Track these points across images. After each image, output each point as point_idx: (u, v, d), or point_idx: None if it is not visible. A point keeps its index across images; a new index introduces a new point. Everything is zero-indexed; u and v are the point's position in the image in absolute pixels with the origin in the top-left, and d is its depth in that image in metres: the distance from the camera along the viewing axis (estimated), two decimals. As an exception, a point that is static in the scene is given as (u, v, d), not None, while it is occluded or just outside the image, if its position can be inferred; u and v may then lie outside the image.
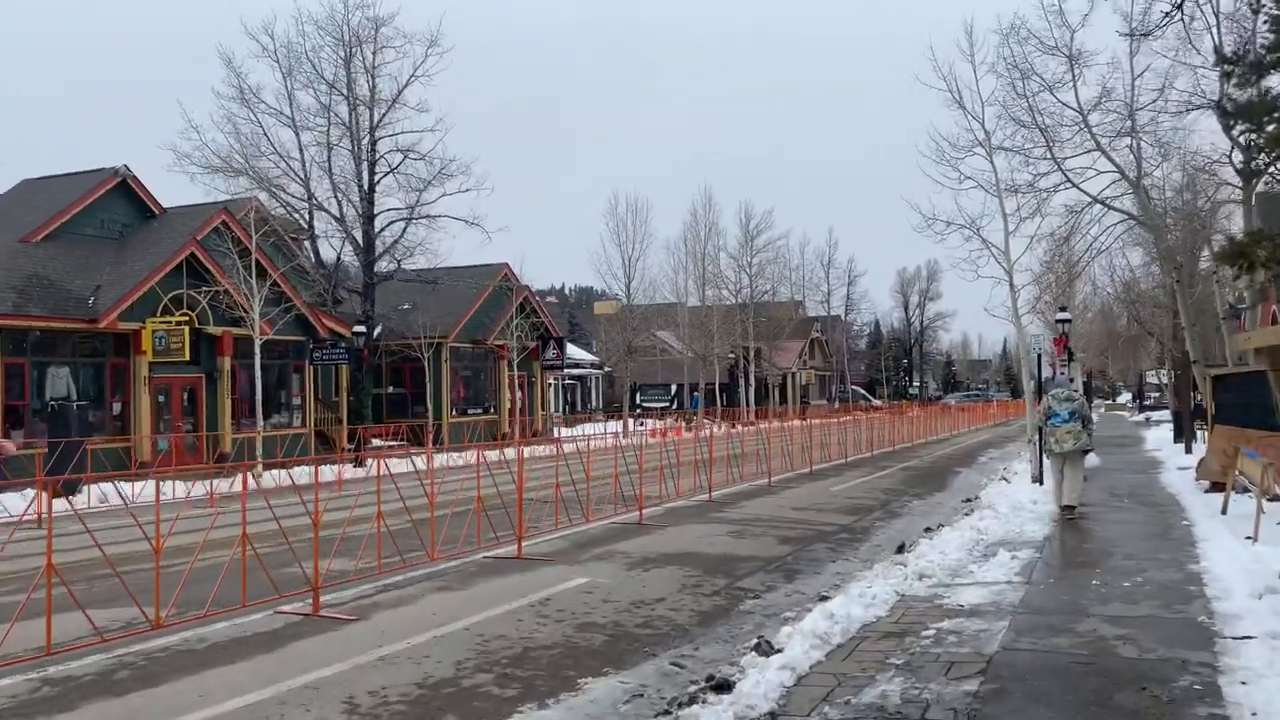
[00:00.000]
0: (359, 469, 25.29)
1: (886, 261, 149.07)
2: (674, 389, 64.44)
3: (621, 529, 14.22)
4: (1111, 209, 21.19)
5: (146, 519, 8.29)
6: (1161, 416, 44.54)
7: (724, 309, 56.60)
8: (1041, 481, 17.10)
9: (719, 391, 56.74)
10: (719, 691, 6.58)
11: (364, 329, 31.24)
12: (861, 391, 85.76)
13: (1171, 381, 39.94)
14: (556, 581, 10.41)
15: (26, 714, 6.42)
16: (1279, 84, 13.73)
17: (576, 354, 63.11)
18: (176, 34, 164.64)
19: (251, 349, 25.60)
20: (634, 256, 52.30)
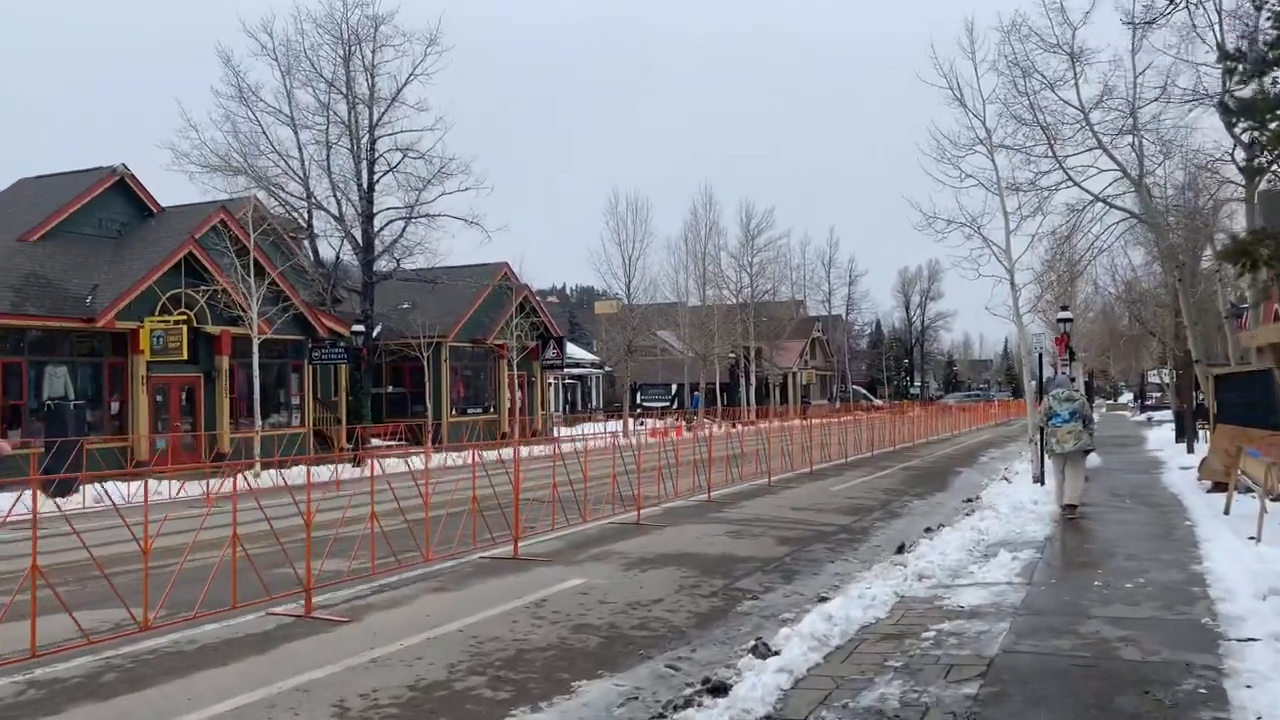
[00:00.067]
0: (357, 469, 25.21)
1: (887, 261, 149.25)
2: (674, 389, 64.36)
3: (619, 529, 14.12)
4: (1113, 207, 21.10)
5: (140, 519, 8.19)
6: (1163, 416, 44.45)
7: (725, 308, 56.48)
8: (1043, 482, 17.00)
9: (719, 391, 56.64)
10: (715, 695, 6.51)
11: (363, 328, 31.16)
12: (863, 391, 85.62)
13: (1173, 381, 39.88)
14: (552, 582, 10.31)
15: (11, 717, 6.33)
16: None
17: (577, 354, 63.01)
18: (176, 34, 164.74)
19: (250, 348, 25.53)
20: (634, 256, 52.24)
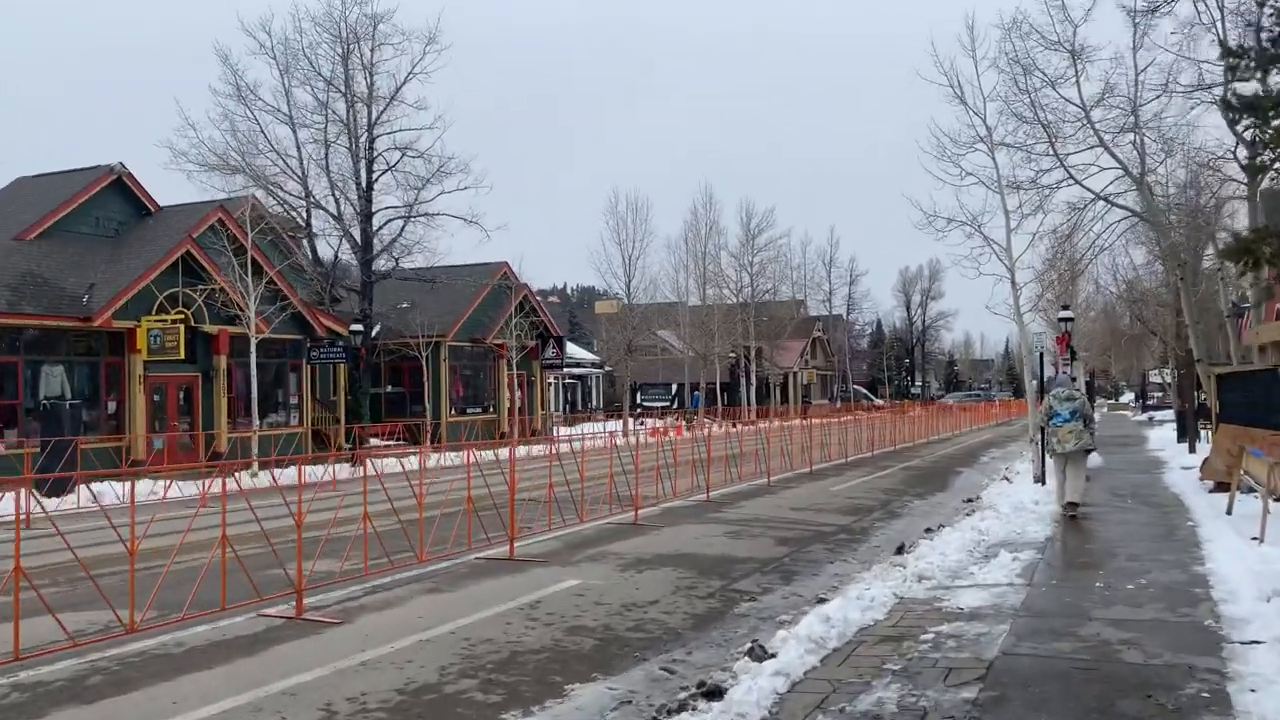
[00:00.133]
0: (355, 469, 25.08)
1: (888, 260, 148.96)
2: (675, 388, 64.25)
3: (616, 529, 14.00)
4: (1114, 206, 20.94)
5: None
6: (1165, 416, 44.35)
7: (725, 308, 56.38)
8: (1044, 481, 16.89)
9: (720, 391, 56.52)
10: (710, 698, 6.40)
11: (361, 327, 31.03)
12: (863, 391, 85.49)
13: (1175, 380, 39.74)
14: (548, 583, 10.20)
15: (-7, 721, 6.23)
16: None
17: (577, 353, 62.91)
18: (176, 34, 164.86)
19: (248, 348, 25.43)
20: (634, 255, 52.16)
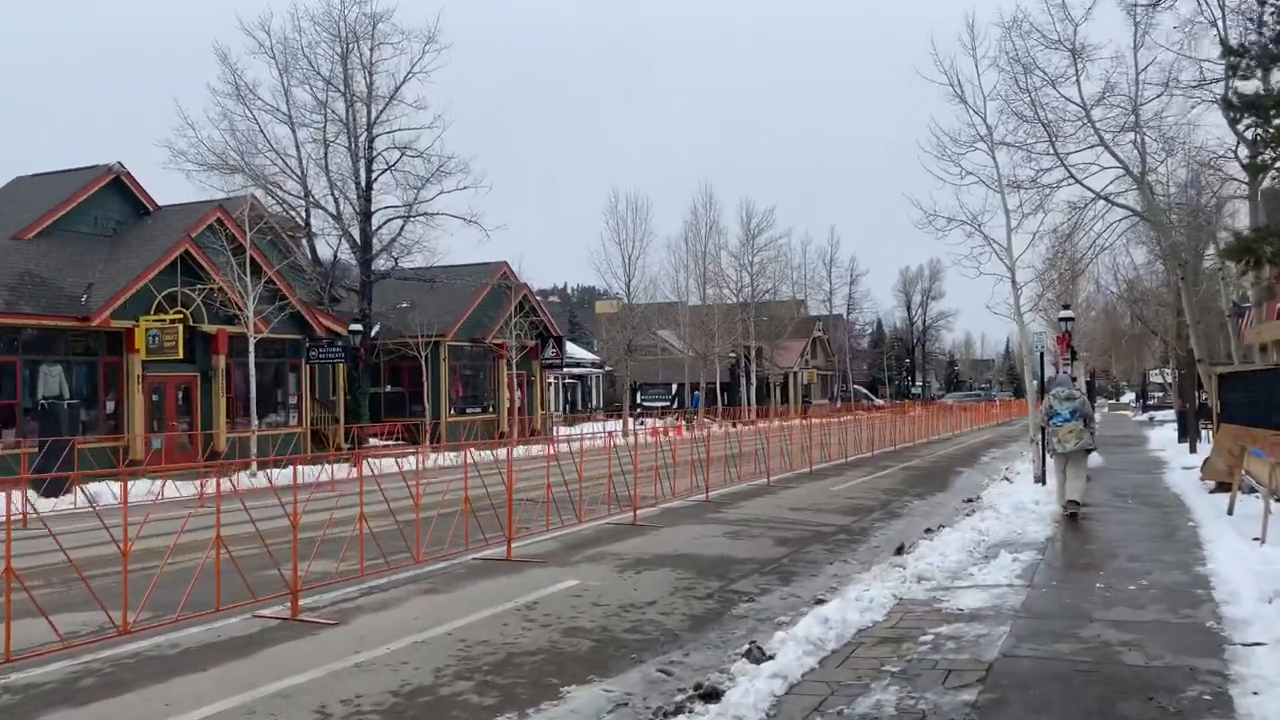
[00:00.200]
0: (353, 469, 25.02)
1: (889, 260, 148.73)
2: (675, 388, 64.18)
3: (615, 530, 13.95)
4: (1115, 205, 20.86)
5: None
6: (1165, 416, 44.30)
7: (725, 308, 56.31)
8: (1044, 481, 16.83)
9: (720, 391, 56.46)
10: (707, 701, 6.35)
11: (360, 327, 30.97)
12: (864, 391, 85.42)
13: (1175, 380, 39.69)
14: (545, 584, 10.14)
15: (-16, 724, 6.18)
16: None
17: (577, 353, 62.86)
18: (176, 34, 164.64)
19: (246, 347, 25.37)
20: (634, 255, 52.04)
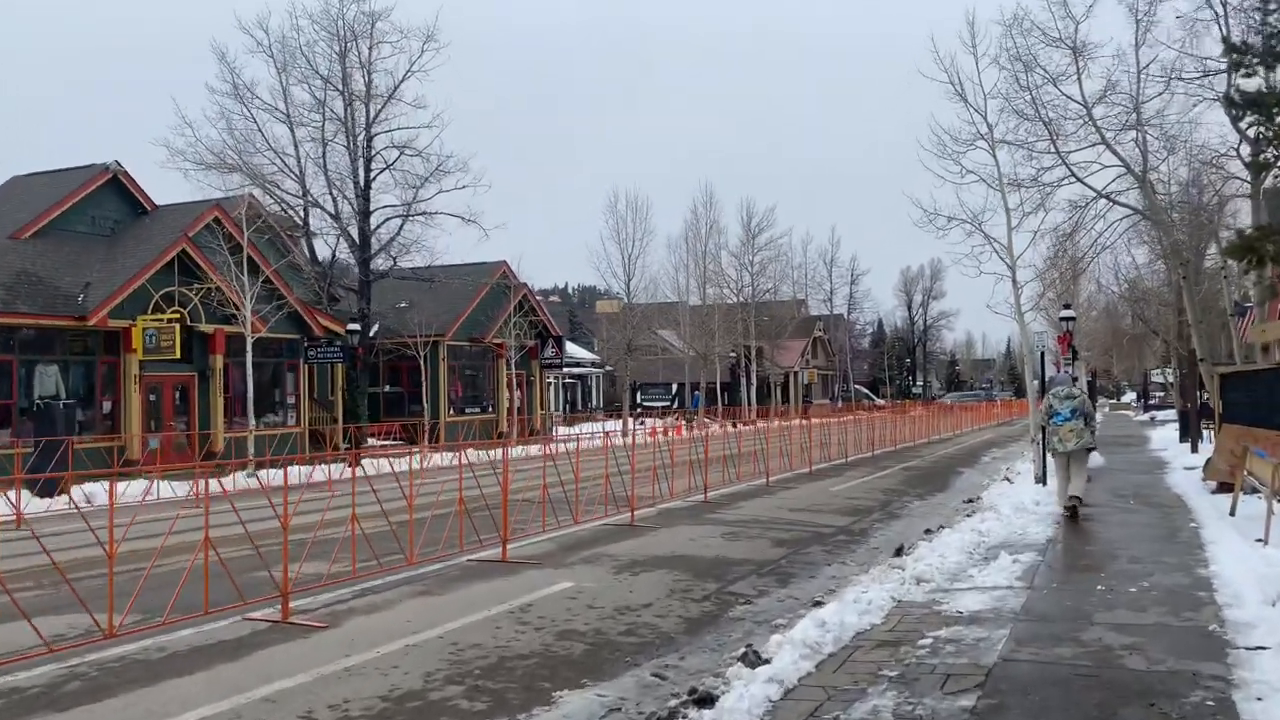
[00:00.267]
0: (351, 469, 24.90)
1: (889, 260, 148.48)
2: (675, 388, 64.05)
3: (612, 530, 13.84)
4: (1116, 204, 20.76)
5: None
6: (1167, 416, 44.19)
7: (725, 307, 56.15)
8: (1045, 482, 16.72)
9: (720, 391, 56.32)
10: (701, 706, 6.25)
11: (359, 327, 30.85)
12: (865, 391, 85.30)
13: (1177, 380, 39.55)
14: (540, 586, 10.04)
15: (-34, 729, 6.07)
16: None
17: (577, 353, 62.74)
18: (176, 34, 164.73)
19: (244, 347, 25.26)
20: (634, 254, 51.80)
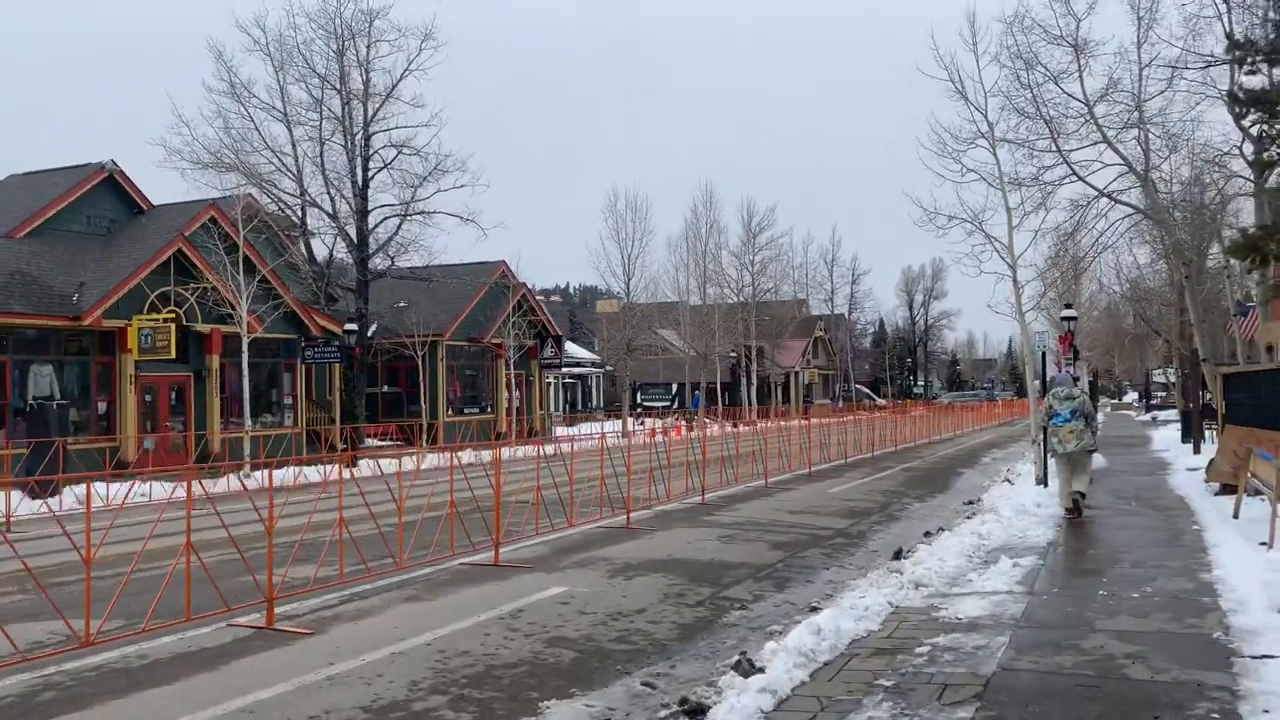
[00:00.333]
0: (349, 470, 24.73)
1: (890, 260, 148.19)
2: (675, 388, 63.89)
3: (607, 533, 13.67)
4: (1118, 203, 20.60)
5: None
6: (1169, 416, 43.98)
7: (726, 307, 55.98)
8: (1046, 483, 16.55)
9: (721, 391, 56.13)
10: (691, 716, 6.12)
11: (356, 327, 30.68)
12: (866, 390, 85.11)
13: (1179, 380, 39.35)
14: (532, 590, 9.86)
15: (-65, 741, 5.91)
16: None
17: (577, 352, 62.58)
18: (175, 34, 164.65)
19: (240, 347, 25.10)
20: (634, 254, 51.76)
